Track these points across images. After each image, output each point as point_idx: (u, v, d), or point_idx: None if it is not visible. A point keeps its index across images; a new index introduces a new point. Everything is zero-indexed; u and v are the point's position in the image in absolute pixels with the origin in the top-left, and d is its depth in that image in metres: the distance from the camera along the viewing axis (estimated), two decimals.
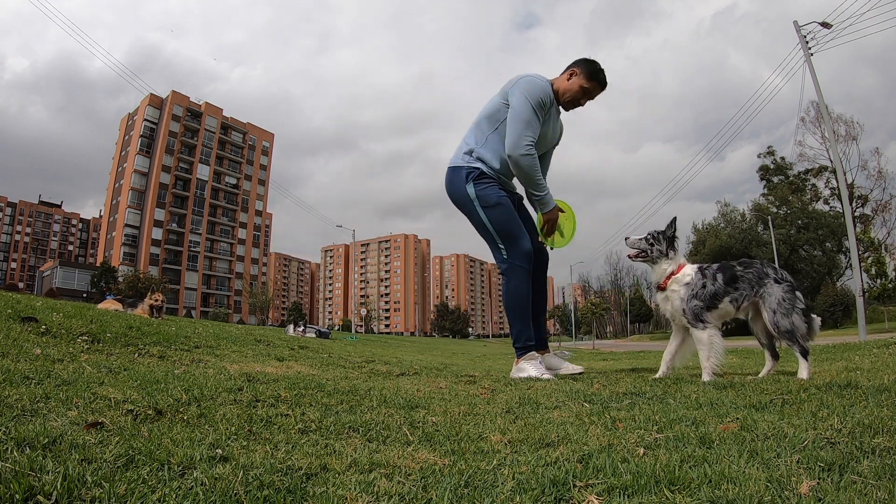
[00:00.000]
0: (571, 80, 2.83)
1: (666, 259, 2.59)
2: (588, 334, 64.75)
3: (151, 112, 64.03)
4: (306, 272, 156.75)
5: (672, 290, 2.53)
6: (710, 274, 2.48)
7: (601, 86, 2.85)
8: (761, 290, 2.40)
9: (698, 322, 2.44)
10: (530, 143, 2.67)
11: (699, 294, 2.45)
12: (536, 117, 2.69)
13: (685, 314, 2.47)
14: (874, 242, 37.27)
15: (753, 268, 2.45)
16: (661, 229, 2.65)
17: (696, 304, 2.45)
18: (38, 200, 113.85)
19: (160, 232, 63.13)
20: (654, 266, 2.64)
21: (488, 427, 1.42)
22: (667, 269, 2.57)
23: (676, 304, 2.51)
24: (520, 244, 2.78)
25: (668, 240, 2.60)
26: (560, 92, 2.85)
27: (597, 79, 2.82)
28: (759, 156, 48.44)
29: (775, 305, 2.35)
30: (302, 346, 4.99)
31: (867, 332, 12.94)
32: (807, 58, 14.23)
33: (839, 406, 1.48)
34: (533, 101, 2.68)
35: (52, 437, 0.99)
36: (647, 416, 1.49)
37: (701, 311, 2.44)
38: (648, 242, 2.63)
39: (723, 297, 2.44)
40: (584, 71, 2.82)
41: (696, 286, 2.47)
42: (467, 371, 3.36)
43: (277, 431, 1.26)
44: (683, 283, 2.51)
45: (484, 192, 2.80)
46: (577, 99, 2.85)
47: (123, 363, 2.19)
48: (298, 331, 13.80)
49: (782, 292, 2.36)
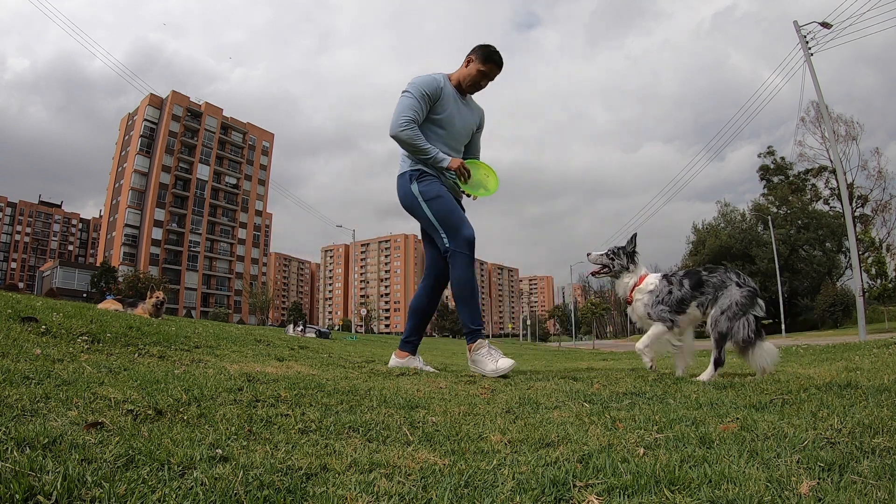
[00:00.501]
0: (469, 67, 3.08)
1: (627, 273, 2.67)
2: (588, 334, 64.76)
3: (151, 112, 64.01)
4: (306, 272, 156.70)
5: (637, 299, 2.60)
6: (676, 280, 2.52)
7: (497, 66, 3.07)
8: (721, 293, 2.41)
9: (665, 322, 2.49)
10: (406, 119, 2.89)
11: (665, 300, 2.50)
12: (418, 102, 2.93)
13: (650, 318, 2.53)
14: (874, 242, 37.27)
15: (718, 273, 2.48)
16: (621, 245, 2.72)
17: (662, 308, 2.50)
18: (38, 200, 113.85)
19: (160, 232, 63.12)
20: (617, 280, 2.71)
21: (488, 427, 1.42)
22: (629, 282, 2.65)
23: (641, 310, 2.57)
24: (461, 232, 2.95)
25: (628, 255, 2.67)
26: (462, 79, 3.09)
27: (492, 60, 3.04)
28: (759, 156, 48.46)
29: (725, 307, 2.36)
30: (302, 346, 4.99)
31: (867, 332, 12.95)
32: (807, 58, 14.23)
33: (839, 406, 1.48)
34: (413, 89, 2.94)
35: (52, 437, 0.99)
36: (647, 416, 1.49)
37: (668, 314, 2.48)
38: (609, 257, 2.71)
39: (690, 301, 2.47)
40: (480, 56, 3.04)
41: (661, 293, 2.52)
42: (467, 371, 3.36)
43: (277, 431, 1.26)
44: (647, 290, 2.57)
45: (426, 187, 3.01)
46: (477, 82, 3.08)
47: (123, 363, 2.19)
48: (298, 331, 13.80)
49: (740, 296, 2.35)
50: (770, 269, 37.51)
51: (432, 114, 3.02)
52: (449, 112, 3.04)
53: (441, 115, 3.02)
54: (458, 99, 3.11)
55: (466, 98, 3.19)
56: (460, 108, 3.11)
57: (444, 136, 3.07)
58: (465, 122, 3.16)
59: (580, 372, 3.24)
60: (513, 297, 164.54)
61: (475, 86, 3.10)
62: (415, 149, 2.94)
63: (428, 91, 2.96)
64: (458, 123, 3.11)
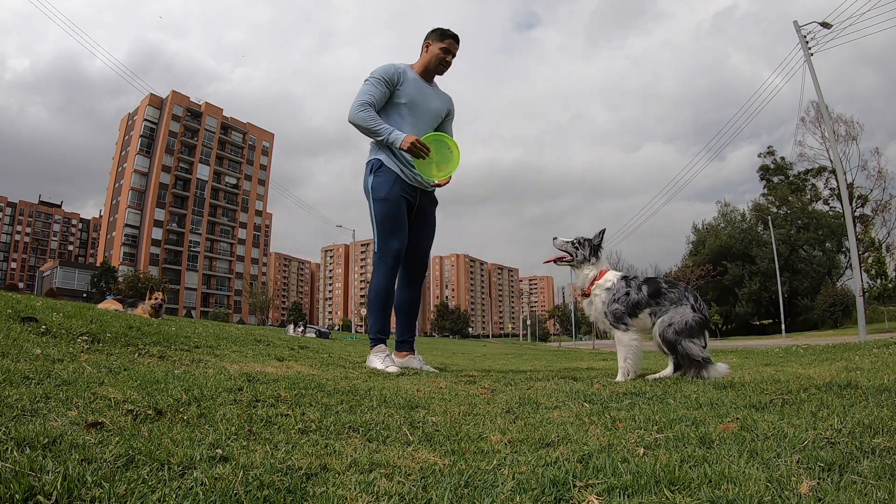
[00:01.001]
0: (430, 49, 3.20)
1: (588, 264, 2.66)
2: (588, 334, 64.73)
3: (151, 112, 64.00)
4: (306, 272, 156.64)
5: (595, 294, 2.60)
6: (636, 284, 2.52)
7: (455, 39, 3.21)
8: (675, 307, 2.42)
9: (620, 324, 2.50)
10: (360, 102, 2.97)
11: (621, 300, 2.50)
12: (374, 87, 3.01)
13: (606, 317, 2.54)
14: (874, 242, 37.25)
15: (677, 289, 2.48)
16: (588, 237, 2.72)
17: (616, 307, 2.50)
18: (38, 200, 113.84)
19: (160, 232, 63.11)
20: (577, 270, 2.70)
21: (488, 427, 1.42)
22: (588, 273, 2.65)
23: (598, 307, 2.57)
24: (390, 243, 3.04)
25: (593, 248, 2.67)
26: (426, 64, 3.20)
27: (448, 35, 3.19)
28: (759, 156, 48.53)
29: (676, 321, 2.37)
30: (302, 346, 4.99)
31: (867, 332, 12.95)
32: (807, 58, 14.22)
33: (839, 406, 1.48)
34: (372, 76, 3.04)
35: (52, 437, 0.99)
36: (647, 416, 1.49)
37: (622, 315, 2.49)
38: (574, 246, 2.70)
39: (644, 307, 2.47)
40: (436, 36, 3.19)
41: (618, 292, 2.52)
42: (467, 371, 3.36)
43: (277, 431, 1.26)
44: (605, 287, 2.57)
45: (378, 183, 3.09)
46: (443, 58, 3.19)
47: (123, 363, 2.19)
48: (298, 331, 13.79)
49: (692, 319, 2.36)
50: (770, 269, 37.53)
51: (396, 99, 3.10)
52: (412, 95, 3.11)
53: (404, 100, 3.10)
54: (424, 85, 3.20)
55: (433, 84, 3.29)
56: (425, 92, 3.19)
57: (409, 119, 3.12)
58: (431, 106, 3.22)
59: (580, 372, 3.24)
60: (513, 297, 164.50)
61: (442, 63, 3.20)
62: (368, 130, 2.98)
63: (385, 76, 3.04)
64: (424, 106, 3.18)
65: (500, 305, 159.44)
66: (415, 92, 3.12)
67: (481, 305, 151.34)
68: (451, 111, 3.38)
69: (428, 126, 3.20)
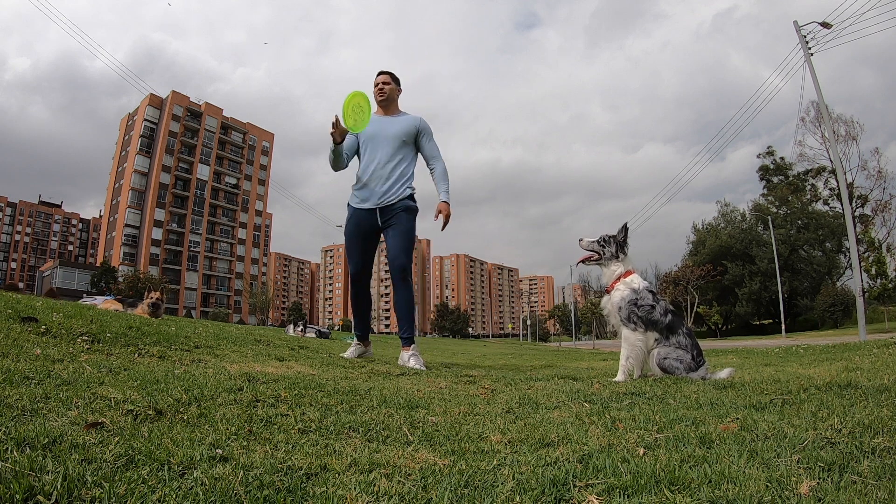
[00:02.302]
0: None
1: (616, 261, 2.67)
2: (588, 334, 64.72)
3: (151, 112, 63.94)
4: (306, 272, 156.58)
5: (618, 288, 2.60)
6: (664, 304, 2.52)
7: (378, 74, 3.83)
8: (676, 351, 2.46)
9: (630, 322, 2.50)
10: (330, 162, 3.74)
11: (643, 308, 2.50)
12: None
13: (620, 311, 2.54)
14: (874, 242, 37.25)
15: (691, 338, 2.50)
16: (612, 234, 2.73)
17: (634, 309, 2.50)
18: (38, 200, 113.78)
19: (160, 232, 63.06)
20: (604, 268, 2.71)
21: (488, 427, 1.42)
22: (616, 270, 2.65)
23: (616, 299, 2.57)
24: (350, 268, 3.83)
25: (618, 243, 2.68)
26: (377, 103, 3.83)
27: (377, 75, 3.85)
28: (759, 156, 48.48)
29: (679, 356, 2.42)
30: (302, 346, 4.98)
31: (867, 332, 12.94)
32: (807, 58, 14.22)
33: (839, 406, 1.48)
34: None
35: (52, 437, 0.99)
36: (647, 416, 1.49)
37: (637, 317, 2.49)
38: (600, 244, 2.71)
39: (655, 328, 2.48)
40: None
41: (643, 300, 2.52)
42: (467, 371, 3.36)
43: (277, 431, 1.26)
44: (631, 286, 2.57)
45: (345, 223, 3.87)
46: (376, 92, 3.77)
47: (123, 363, 2.19)
48: (298, 331, 13.77)
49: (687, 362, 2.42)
50: (770, 269, 37.51)
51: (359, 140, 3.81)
52: (369, 132, 3.72)
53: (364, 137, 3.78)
54: (382, 118, 3.79)
55: (395, 114, 3.83)
56: (382, 123, 3.77)
57: (369, 147, 3.76)
58: (389, 133, 3.74)
59: (580, 372, 3.24)
60: (513, 297, 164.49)
61: (379, 93, 3.78)
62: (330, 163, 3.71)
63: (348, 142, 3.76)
64: (381, 135, 3.74)
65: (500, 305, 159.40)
66: (372, 128, 3.70)
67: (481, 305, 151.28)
68: (420, 129, 3.78)
69: (390, 147, 3.72)
